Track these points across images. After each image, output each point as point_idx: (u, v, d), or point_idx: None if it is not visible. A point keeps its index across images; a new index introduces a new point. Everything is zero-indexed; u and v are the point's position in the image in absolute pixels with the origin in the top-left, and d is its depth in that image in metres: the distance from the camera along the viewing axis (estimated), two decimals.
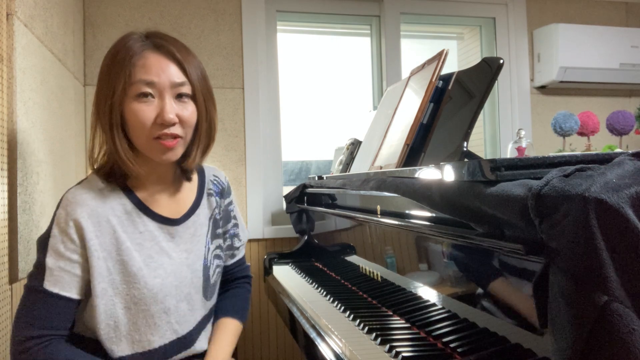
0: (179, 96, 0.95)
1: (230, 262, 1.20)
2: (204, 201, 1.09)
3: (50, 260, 0.91)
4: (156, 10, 2.24)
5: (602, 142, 1.88)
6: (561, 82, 2.59)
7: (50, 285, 0.90)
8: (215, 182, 1.14)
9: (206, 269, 1.05)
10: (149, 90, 0.92)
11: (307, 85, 2.65)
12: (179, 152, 0.97)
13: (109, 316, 0.93)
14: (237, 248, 1.20)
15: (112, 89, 0.92)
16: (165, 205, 1.03)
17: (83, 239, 0.92)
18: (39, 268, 0.92)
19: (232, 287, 1.21)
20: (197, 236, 1.05)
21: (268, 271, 1.94)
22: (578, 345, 0.52)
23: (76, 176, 1.86)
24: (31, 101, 1.32)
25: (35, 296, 0.91)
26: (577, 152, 0.98)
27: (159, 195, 1.02)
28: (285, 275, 1.79)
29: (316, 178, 1.91)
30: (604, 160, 0.67)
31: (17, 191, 1.19)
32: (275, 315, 2.29)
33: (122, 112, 0.93)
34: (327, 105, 2.67)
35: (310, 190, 1.94)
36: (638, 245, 0.52)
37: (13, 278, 1.18)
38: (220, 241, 1.12)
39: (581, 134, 1.72)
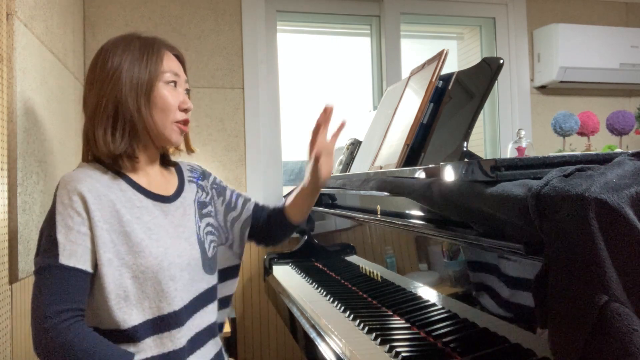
0: (185, 91, 1.11)
1: (258, 204, 1.28)
2: (187, 186, 1.16)
3: (61, 236, 0.93)
4: (156, 10, 2.24)
5: (602, 142, 1.88)
6: (561, 82, 2.59)
7: (65, 259, 0.92)
8: (190, 169, 1.22)
9: (201, 242, 1.10)
10: (176, 79, 1.07)
11: (307, 85, 2.65)
12: (183, 138, 1.11)
13: (118, 286, 0.95)
14: (249, 199, 1.27)
15: (150, 73, 1.03)
16: (155, 186, 1.09)
17: (87, 210, 0.95)
18: (50, 246, 0.93)
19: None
20: (187, 215, 1.11)
21: (268, 271, 1.94)
22: (578, 346, 0.52)
23: None
24: (31, 101, 1.32)
25: (52, 273, 0.91)
26: (577, 152, 0.98)
27: (149, 179, 1.09)
28: (285, 275, 1.79)
29: None
30: (604, 160, 0.67)
31: (17, 191, 1.19)
32: (275, 315, 2.29)
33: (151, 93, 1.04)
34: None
35: None
36: (638, 245, 0.52)
37: (13, 278, 1.18)
38: (209, 219, 1.18)
39: (581, 134, 1.72)
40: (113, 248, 0.96)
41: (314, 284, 1.58)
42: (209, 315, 1.10)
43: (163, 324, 0.99)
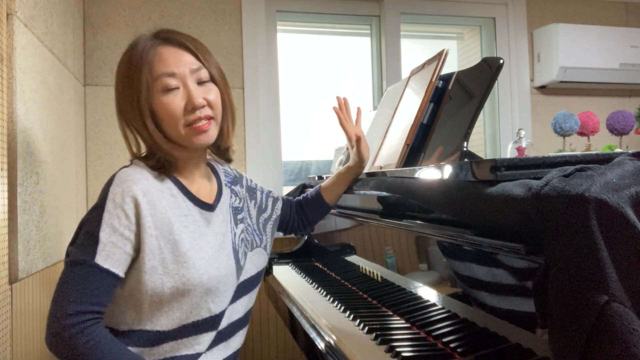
0: (200, 82, 1.01)
1: (284, 200, 1.33)
2: (224, 191, 1.14)
3: (104, 235, 0.91)
4: (156, 10, 2.24)
5: (602, 142, 1.87)
6: (561, 82, 2.59)
7: (101, 260, 0.90)
8: (225, 173, 1.20)
9: (235, 252, 1.08)
10: (173, 82, 0.98)
11: (307, 85, 2.65)
12: (213, 133, 1.03)
13: (156, 294, 0.94)
14: (277, 198, 1.31)
15: (137, 89, 0.97)
16: (202, 192, 1.07)
17: (139, 215, 0.93)
18: (90, 242, 0.91)
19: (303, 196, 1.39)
20: (225, 222, 1.09)
21: (268, 271, 1.94)
22: (578, 345, 0.52)
23: (76, 176, 1.87)
24: (31, 101, 1.32)
25: (84, 270, 0.90)
26: (577, 152, 0.97)
27: (197, 182, 1.07)
28: (285, 275, 1.79)
29: (316, 178, 1.91)
30: (604, 160, 0.67)
31: (17, 191, 1.19)
32: (275, 315, 2.29)
33: (151, 108, 0.98)
34: (327, 105, 2.66)
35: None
36: (638, 245, 0.52)
37: (13, 278, 1.18)
38: (243, 226, 1.16)
39: (581, 134, 1.72)
40: (160, 255, 0.94)
41: (314, 284, 1.58)
42: (231, 320, 1.09)
43: (186, 331, 0.98)
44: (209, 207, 1.06)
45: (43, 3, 1.48)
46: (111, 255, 0.91)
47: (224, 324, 1.06)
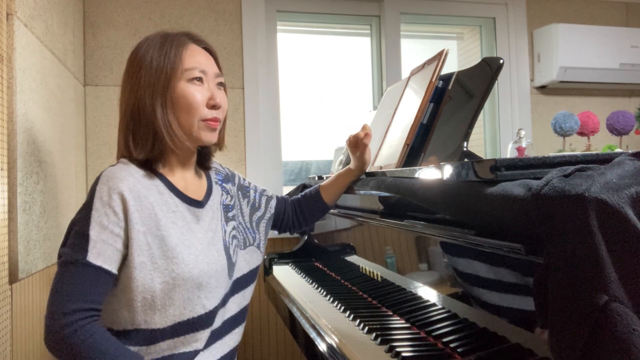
0: (217, 86, 1.08)
1: (279, 199, 1.34)
2: (214, 189, 1.15)
3: (94, 233, 0.92)
4: (156, 10, 2.24)
5: (602, 142, 1.87)
6: (561, 82, 2.59)
7: (93, 257, 0.91)
8: (215, 171, 1.21)
9: (226, 248, 1.09)
10: (201, 76, 1.03)
11: (307, 85, 2.65)
12: (216, 135, 1.08)
13: (147, 290, 0.94)
14: (271, 197, 1.31)
15: (166, 72, 1.00)
16: (190, 189, 1.08)
17: (126, 212, 0.94)
18: (80, 241, 0.92)
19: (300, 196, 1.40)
20: (215, 219, 1.10)
21: (268, 271, 1.94)
22: (578, 346, 0.52)
23: (76, 176, 1.87)
24: (31, 101, 1.32)
25: (77, 269, 0.91)
26: (577, 152, 0.97)
27: (185, 180, 1.08)
28: (285, 275, 1.79)
29: (316, 178, 1.91)
30: (604, 160, 0.67)
31: (17, 191, 1.19)
32: (275, 315, 2.29)
33: (170, 94, 1.01)
34: (327, 105, 2.67)
35: None
36: (638, 245, 0.52)
37: (13, 278, 1.18)
38: (234, 223, 1.17)
39: (581, 134, 1.72)
40: (148, 251, 0.95)
41: (314, 284, 1.58)
42: (224, 318, 1.10)
43: (182, 329, 0.99)
44: (197, 204, 1.06)
45: (43, 3, 1.48)
46: (103, 253, 0.92)
47: (217, 321, 1.06)
